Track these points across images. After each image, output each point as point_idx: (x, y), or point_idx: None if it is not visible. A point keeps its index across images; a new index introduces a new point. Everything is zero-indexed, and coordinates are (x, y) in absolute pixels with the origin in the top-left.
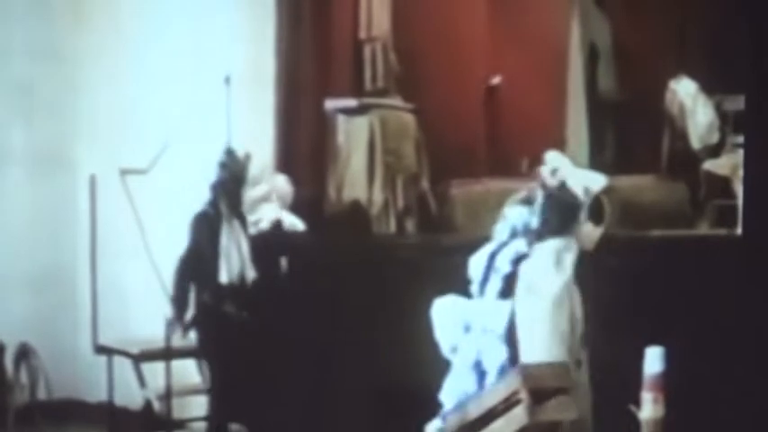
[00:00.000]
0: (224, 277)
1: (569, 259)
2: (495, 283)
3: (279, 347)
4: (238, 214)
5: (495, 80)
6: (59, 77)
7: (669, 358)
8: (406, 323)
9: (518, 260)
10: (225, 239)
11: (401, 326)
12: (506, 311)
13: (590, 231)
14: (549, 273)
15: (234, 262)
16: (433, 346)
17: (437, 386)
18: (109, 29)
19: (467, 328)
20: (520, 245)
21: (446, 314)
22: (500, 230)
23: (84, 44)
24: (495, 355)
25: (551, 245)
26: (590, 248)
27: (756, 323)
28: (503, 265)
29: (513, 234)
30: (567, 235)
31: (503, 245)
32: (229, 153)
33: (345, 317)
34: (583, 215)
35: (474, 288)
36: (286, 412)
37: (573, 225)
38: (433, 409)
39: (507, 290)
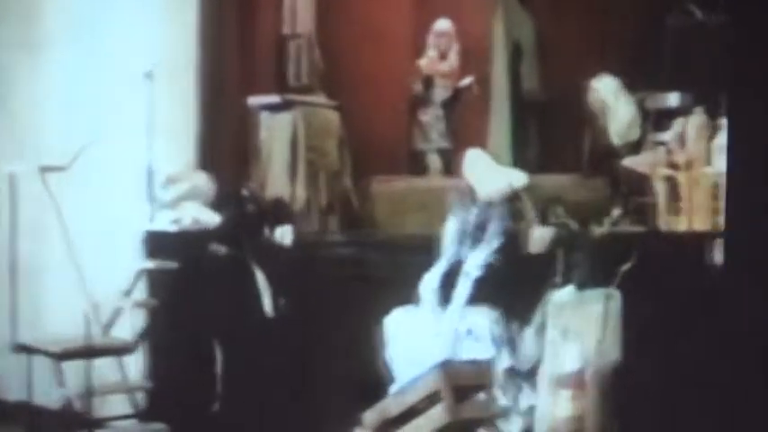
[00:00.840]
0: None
1: (614, 308)
2: (464, 289)
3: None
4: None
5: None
6: None
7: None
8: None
9: (488, 266)
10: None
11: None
12: (485, 315)
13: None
14: (592, 323)
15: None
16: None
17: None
18: (29, 22)
19: (437, 335)
20: (485, 251)
21: (408, 325)
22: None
23: (5, 38)
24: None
25: (593, 294)
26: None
27: (746, 322)
28: (472, 270)
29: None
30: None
31: (456, 261)
32: (250, 190)
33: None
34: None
35: (429, 303)
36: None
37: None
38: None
39: (476, 295)
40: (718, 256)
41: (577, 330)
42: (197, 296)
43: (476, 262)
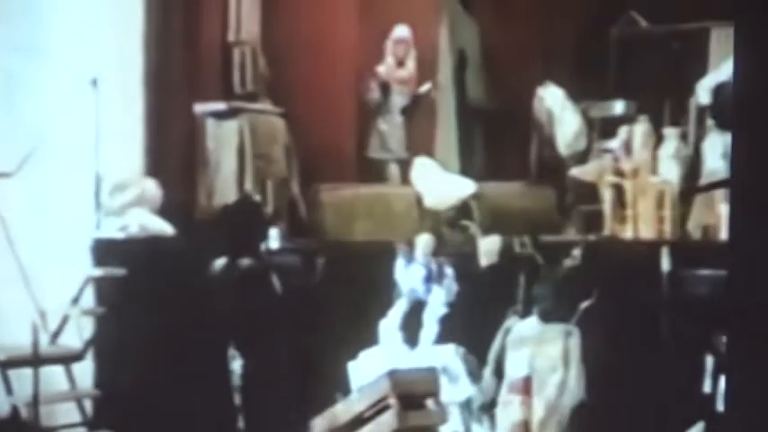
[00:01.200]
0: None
1: (574, 343)
2: (431, 328)
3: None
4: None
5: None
6: None
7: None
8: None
9: (450, 304)
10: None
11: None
12: (453, 352)
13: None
14: (554, 359)
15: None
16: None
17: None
18: None
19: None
20: (446, 290)
21: (377, 368)
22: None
23: None
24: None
25: (556, 330)
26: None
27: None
28: (438, 309)
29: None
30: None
31: (416, 301)
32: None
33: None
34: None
35: (393, 344)
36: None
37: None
38: None
39: (443, 332)
40: (666, 264)
41: (537, 371)
42: (150, 303)
43: (439, 300)
